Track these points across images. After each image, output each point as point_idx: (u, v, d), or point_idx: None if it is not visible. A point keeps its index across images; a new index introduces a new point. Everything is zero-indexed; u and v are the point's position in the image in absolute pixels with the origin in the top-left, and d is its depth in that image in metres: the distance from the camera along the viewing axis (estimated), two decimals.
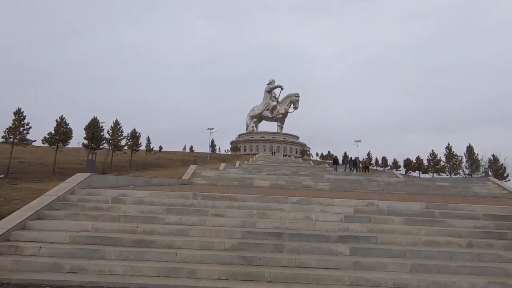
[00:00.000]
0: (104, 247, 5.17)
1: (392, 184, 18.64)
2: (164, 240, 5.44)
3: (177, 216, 6.47)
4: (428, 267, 4.92)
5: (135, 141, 29.65)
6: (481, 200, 11.96)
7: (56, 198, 6.91)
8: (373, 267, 4.92)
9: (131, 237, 5.49)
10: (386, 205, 7.23)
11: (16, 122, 19.22)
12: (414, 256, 5.27)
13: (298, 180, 18.79)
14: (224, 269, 4.70)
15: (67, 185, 7.70)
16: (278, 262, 4.97)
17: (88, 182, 8.27)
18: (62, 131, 21.84)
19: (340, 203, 7.39)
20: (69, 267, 4.65)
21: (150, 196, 7.68)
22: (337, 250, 5.35)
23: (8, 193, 9.83)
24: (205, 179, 18.17)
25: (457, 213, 7.00)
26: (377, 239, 5.74)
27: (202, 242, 5.43)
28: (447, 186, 18.48)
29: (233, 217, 6.58)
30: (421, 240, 5.75)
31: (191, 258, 5.00)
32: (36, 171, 18.55)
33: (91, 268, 4.66)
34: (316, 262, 4.98)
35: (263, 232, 5.81)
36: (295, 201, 7.40)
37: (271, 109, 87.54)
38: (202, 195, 7.64)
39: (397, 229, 6.23)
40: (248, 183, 17.70)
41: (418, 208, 7.19)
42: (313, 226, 6.23)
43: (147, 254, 5.04)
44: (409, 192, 16.97)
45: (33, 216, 6.08)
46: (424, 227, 6.30)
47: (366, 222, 6.49)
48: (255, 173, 22.62)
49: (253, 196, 7.72)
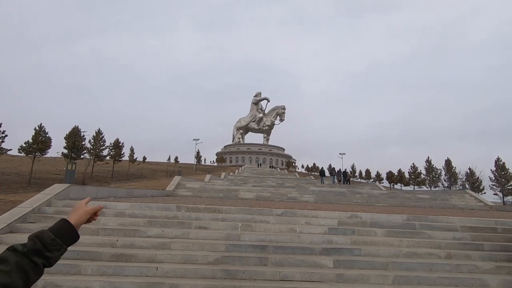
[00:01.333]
0: (81, 261, 4.94)
1: (375, 196, 18.99)
2: (145, 253, 5.27)
3: (159, 228, 6.31)
4: (409, 279, 4.99)
5: (118, 151, 28.93)
6: (459, 212, 12.38)
7: (30, 210, 6.60)
8: (356, 279, 4.94)
9: (110, 251, 5.29)
10: (369, 217, 7.34)
11: None
12: (396, 268, 5.34)
13: (284, 192, 18.82)
14: (207, 284, 4.59)
15: (44, 196, 7.38)
16: (262, 276, 4.91)
17: (67, 194, 7.96)
18: (40, 140, 21.05)
19: (325, 215, 7.44)
20: (42, 284, 4.40)
21: (132, 208, 7.47)
22: (321, 262, 5.35)
23: None
24: (189, 191, 17.87)
25: (436, 225, 7.20)
26: (360, 251, 5.80)
27: (185, 255, 5.30)
28: (427, 198, 19.02)
29: (217, 230, 6.49)
30: (403, 252, 5.86)
31: (173, 272, 4.86)
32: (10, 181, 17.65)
33: (66, 284, 4.43)
34: (300, 275, 4.95)
35: (247, 245, 5.74)
36: (280, 213, 7.39)
37: (258, 121, 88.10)
38: (186, 207, 7.51)
39: (379, 241, 6.32)
40: (234, 195, 17.55)
41: (399, 220, 7.34)
42: (298, 238, 6.22)
43: (127, 269, 4.85)
44: (392, 204, 17.33)
45: (5, 230, 5.76)
46: (405, 238, 6.43)
47: (350, 234, 6.55)
48: (241, 185, 22.47)
49: (238, 208, 7.66)
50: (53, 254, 0.69)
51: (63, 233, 0.72)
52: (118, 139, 29.84)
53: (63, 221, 0.77)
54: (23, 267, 0.64)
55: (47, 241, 0.69)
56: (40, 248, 0.67)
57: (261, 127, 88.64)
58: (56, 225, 0.75)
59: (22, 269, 0.63)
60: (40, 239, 0.69)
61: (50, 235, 0.70)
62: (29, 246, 0.67)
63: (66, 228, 0.74)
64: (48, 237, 0.69)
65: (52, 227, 0.74)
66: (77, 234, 0.77)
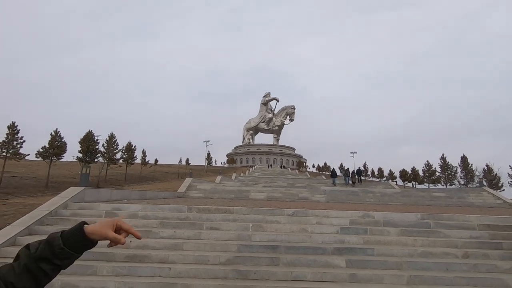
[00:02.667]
0: (96, 262, 5.06)
1: (388, 195, 18.64)
2: (158, 254, 5.35)
3: (172, 229, 6.39)
4: (425, 279, 4.88)
5: (131, 154, 29.45)
6: (476, 210, 12.01)
7: (48, 212, 6.80)
8: (369, 279, 4.87)
9: (124, 252, 5.39)
10: (382, 216, 7.22)
11: (9, 136, 19.06)
12: (410, 268, 5.23)
13: (295, 192, 18.71)
14: (219, 284, 4.62)
15: (60, 199, 7.60)
16: (274, 276, 4.90)
17: (82, 196, 8.16)
18: (56, 145, 21.65)
19: (336, 214, 7.37)
20: (59, 284, 4.52)
21: (144, 209, 7.59)
22: (333, 262, 5.30)
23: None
24: (201, 192, 18.01)
25: (452, 224, 7.01)
26: (373, 250, 5.71)
27: (197, 256, 5.35)
28: (443, 196, 18.54)
29: (229, 230, 6.52)
30: (417, 251, 5.73)
31: (185, 272, 4.91)
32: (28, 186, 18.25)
33: (82, 285, 4.55)
34: (312, 275, 4.92)
35: (258, 245, 5.75)
36: (291, 213, 7.36)
37: (267, 121, 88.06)
38: (197, 208, 7.58)
39: (393, 241, 6.21)
40: (244, 195, 17.58)
41: (414, 219, 7.19)
42: (309, 238, 6.18)
43: (140, 269, 4.94)
44: (405, 203, 16.98)
45: (24, 232, 5.96)
46: (420, 238, 6.29)
47: (362, 234, 6.46)
48: (251, 186, 22.50)
49: (248, 208, 7.67)
50: (62, 262, 0.68)
51: (74, 242, 0.69)
52: (130, 142, 30.40)
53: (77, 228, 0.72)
54: (32, 271, 0.64)
55: (56, 249, 0.67)
56: (49, 256, 0.66)
57: (271, 128, 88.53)
58: (70, 232, 0.71)
59: (30, 272, 0.64)
60: (50, 246, 0.67)
61: (59, 243, 0.67)
62: (39, 251, 0.66)
63: (79, 237, 0.70)
64: (57, 245, 0.67)
65: (66, 234, 0.71)
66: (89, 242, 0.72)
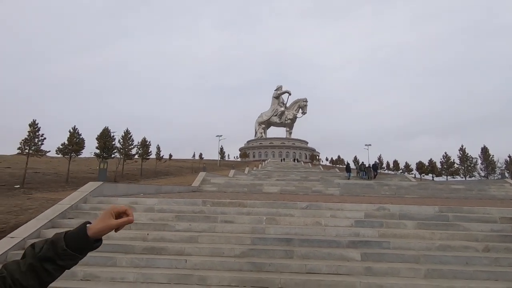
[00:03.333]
0: (116, 254, 5.24)
1: (404, 188, 18.27)
2: (174, 247, 5.47)
3: (187, 223, 6.51)
4: (444, 273, 4.78)
5: (145, 150, 30.05)
6: (498, 203, 11.59)
7: (69, 206, 7.07)
8: (385, 272, 4.82)
9: (142, 244, 5.55)
10: (398, 209, 7.09)
11: (31, 134, 19.82)
12: (428, 261, 5.13)
13: (308, 186, 18.64)
14: (234, 276, 4.69)
15: (80, 193, 7.87)
16: (289, 268, 4.93)
17: (100, 191, 8.42)
18: (75, 141, 22.36)
19: (351, 207, 7.29)
20: (82, 275, 4.72)
21: (160, 203, 7.76)
22: (348, 255, 5.27)
23: (24, 202, 10.09)
24: (214, 186, 18.23)
25: (472, 217, 6.80)
26: (389, 244, 5.63)
27: (212, 248, 5.44)
28: (462, 189, 17.99)
29: (243, 223, 6.58)
30: (435, 245, 5.61)
31: (201, 264, 5.01)
32: (50, 181, 19.00)
33: (103, 275, 4.72)
34: (327, 268, 4.91)
35: (272, 238, 5.78)
36: (305, 206, 7.34)
37: (279, 114, 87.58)
38: (211, 201, 7.68)
39: (410, 234, 6.09)
40: (258, 189, 17.66)
41: (431, 212, 7.02)
42: (323, 231, 6.16)
43: (158, 261, 5.07)
44: (422, 195, 16.60)
45: (48, 225, 6.22)
46: (438, 231, 6.15)
47: (378, 227, 6.37)
48: (265, 179, 22.56)
49: (262, 202, 7.70)
50: (65, 262, 0.69)
51: (77, 243, 0.70)
52: (145, 138, 30.99)
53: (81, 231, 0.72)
54: (36, 270, 0.66)
55: (59, 250, 0.68)
56: (52, 257, 0.68)
57: (283, 121, 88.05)
58: (73, 234, 0.72)
59: (34, 271, 0.66)
60: (54, 247, 0.68)
61: (62, 245, 0.69)
62: (43, 251, 0.68)
63: (81, 239, 0.71)
64: (60, 247, 0.68)
65: (69, 235, 0.71)
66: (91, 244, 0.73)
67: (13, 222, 7.04)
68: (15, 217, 7.65)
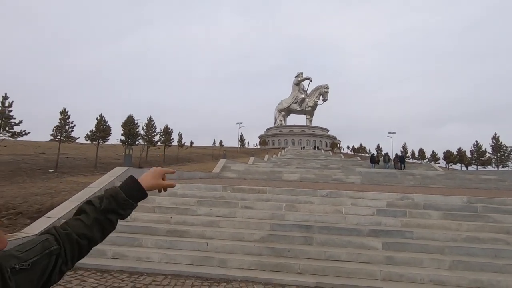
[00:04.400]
0: (142, 235, 5.50)
1: (430, 178, 17.59)
2: (196, 230, 5.66)
3: (208, 207, 6.69)
4: (470, 265, 4.62)
5: (168, 137, 30.88)
6: None
7: (98, 190, 7.45)
8: (407, 262, 4.73)
9: (166, 227, 5.78)
10: (422, 198, 6.87)
11: (62, 121, 20.92)
12: (453, 253, 4.97)
13: (328, 174, 18.43)
14: (254, 260, 4.79)
15: (108, 178, 8.27)
16: (308, 255, 4.96)
17: (126, 175, 8.79)
18: (102, 128, 23.37)
19: (372, 196, 7.15)
20: (111, 253, 5.02)
21: (183, 188, 8.00)
22: (368, 244, 5.21)
23: (58, 185, 10.78)
24: (234, 173, 18.48)
25: (504, 208, 6.45)
26: (412, 234, 5.49)
27: (232, 233, 5.57)
28: (493, 179, 17.04)
29: (262, 210, 6.66)
30: (462, 236, 5.41)
31: (222, 248, 5.16)
32: (80, 166, 20.11)
33: (130, 254, 5.00)
34: (346, 255, 4.90)
35: (292, 225, 5.81)
36: (325, 194, 7.29)
37: (300, 102, 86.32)
38: (231, 188, 7.81)
39: (434, 224, 5.91)
40: (277, 176, 17.71)
41: (458, 202, 6.74)
42: (344, 219, 6.11)
43: (181, 243, 5.28)
44: (449, 186, 15.92)
45: None
46: (465, 222, 5.91)
47: (401, 216, 6.22)
48: (284, 167, 22.55)
49: (281, 189, 7.73)
50: (125, 212, 0.80)
51: (133, 193, 0.80)
52: (167, 125, 31.82)
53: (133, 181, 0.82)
54: (101, 222, 0.74)
55: (121, 201, 0.77)
56: (115, 208, 0.76)
57: (304, 108, 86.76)
58: (128, 185, 0.81)
59: (100, 223, 0.73)
60: (115, 199, 0.77)
61: (123, 196, 0.78)
62: (105, 204, 0.75)
63: (136, 189, 0.81)
64: (121, 198, 0.77)
65: (124, 187, 0.80)
66: (146, 194, 0.83)
67: (49, 203, 7.56)
68: (51, 198, 8.21)
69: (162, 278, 4.39)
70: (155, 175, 0.85)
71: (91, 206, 0.76)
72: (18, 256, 0.55)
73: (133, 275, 4.47)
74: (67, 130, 21.12)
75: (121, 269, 4.62)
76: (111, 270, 4.58)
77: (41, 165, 18.32)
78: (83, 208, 0.76)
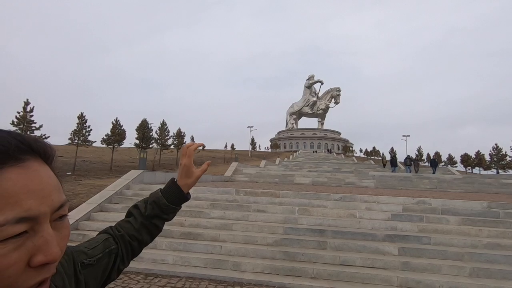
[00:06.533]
0: (156, 238, 5.57)
1: (447, 182, 17.09)
2: (210, 233, 5.70)
3: (221, 211, 6.73)
4: (491, 272, 4.46)
5: (180, 140, 31.28)
6: None
7: (114, 192, 7.64)
8: (425, 268, 4.61)
9: (180, 229, 5.85)
10: (439, 203, 6.69)
11: (79, 125, 21.57)
12: (473, 259, 4.81)
13: (341, 177, 18.20)
14: (267, 263, 4.78)
15: (123, 181, 8.46)
16: (321, 259, 4.91)
17: (141, 178, 8.98)
18: (117, 132, 23.93)
19: (388, 200, 7.02)
20: None
21: (196, 191, 8.08)
22: (384, 249, 5.11)
23: (75, 188, 11.10)
24: (246, 176, 18.51)
25: None
26: (429, 239, 5.35)
27: (245, 236, 5.58)
28: None
29: (275, 213, 6.64)
30: (483, 242, 5.23)
31: (235, 251, 5.18)
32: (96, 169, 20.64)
33: (145, 256, 5.08)
34: (361, 260, 4.82)
35: (305, 229, 5.77)
36: (338, 198, 7.20)
37: (311, 105, 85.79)
38: (244, 191, 7.83)
39: (453, 230, 5.74)
40: (289, 180, 17.63)
41: (478, 207, 6.52)
42: (358, 223, 6.02)
43: (195, 246, 5.33)
44: (467, 190, 15.41)
45: (96, 209, 6.80)
46: (486, 228, 5.71)
47: (417, 221, 6.08)
48: (296, 170, 22.42)
49: (294, 192, 7.70)
50: (169, 216, 0.80)
51: (174, 197, 0.80)
52: (180, 129, 32.25)
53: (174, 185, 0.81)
54: (147, 226, 0.76)
55: (162, 207, 0.78)
56: (158, 213, 0.78)
57: (315, 111, 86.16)
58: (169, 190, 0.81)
59: (146, 227, 0.76)
60: (157, 205, 0.78)
61: (165, 202, 0.78)
62: (148, 211, 0.77)
63: (177, 193, 0.80)
64: (163, 204, 0.78)
65: (165, 192, 0.80)
66: (186, 197, 0.82)
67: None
68: (69, 201, 8.46)
69: (177, 280, 4.45)
70: (188, 173, 0.83)
71: (137, 210, 0.78)
72: (87, 252, 0.59)
73: (148, 277, 4.54)
74: (84, 134, 21.74)
75: (137, 271, 4.71)
76: (127, 271, 4.67)
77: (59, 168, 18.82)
78: (131, 212, 0.79)
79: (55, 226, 0.39)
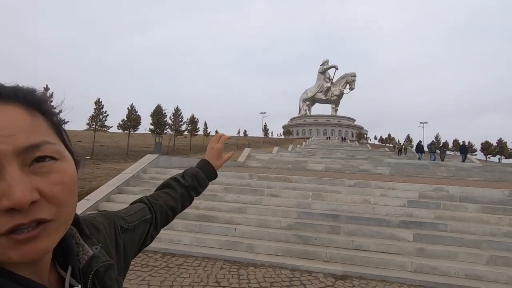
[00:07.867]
0: (173, 220, 5.75)
1: (465, 170, 16.60)
2: (224, 216, 5.82)
3: (235, 194, 6.82)
4: (510, 260, 4.36)
5: (194, 126, 31.57)
6: None
7: (131, 176, 7.86)
8: (440, 255, 4.56)
9: (195, 212, 6.00)
10: (458, 190, 6.53)
11: (96, 111, 22.08)
12: (492, 247, 4.72)
13: (355, 164, 18.00)
14: (281, 246, 4.86)
15: (140, 164, 8.68)
16: (335, 243, 4.94)
17: (157, 162, 9.18)
18: (133, 118, 24.38)
19: (403, 187, 6.91)
20: None
21: None
22: (399, 235, 5.07)
23: (94, 171, 11.50)
24: (259, 162, 18.60)
25: None
26: (446, 226, 5.27)
27: (259, 219, 5.66)
28: None
29: (288, 198, 6.68)
30: (502, 231, 5.10)
31: (249, 234, 5.28)
32: (113, 153, 21.24)
33: (163, 237, 5.26)
34: (375, 245, 4.81)
35: (319, 213, 5.79)
36: (352, 184, 7.15)
37: (325, 91, 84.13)
38: (257, 176, 7.89)
39: (471, 217, 5.61)
40: (302, 166, 17.59)
41: (499, 195, 6.33)
42: (372, 209, 5.98)
43: (210, 228, 5.47)
44: (487, 178, 14.94)
45: (115, 191, 7.04)
46: (506, 216, 5.55)
47: (434, 208, 5.97)
48: (309, 157, 22.32)
49: (308, 178, 7.69)
50: (202, 189, 0.89)
51: (209, 173, 0.90)
52: (193, 115, 32.49)
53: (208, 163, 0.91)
54: (184, 198, 0.84)
55: (200, 180, 0.87)
56: (196, 186, 0.86)
57: (329, 97, 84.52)
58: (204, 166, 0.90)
59: (183, 198, 0.83)
60: (196, 178, 0.86)
61: (202, 175, 0.88)
62: (189, 182, 0.85)
63: (211, 170, 0.91)
64: (201, 177, 0.87)
65: (201, 168, 0.90)
66: (217, 175, 0.94)
67: (87, 187, 8.11)
68: (89, 183, 8.79)
69: (193, 260, 4.60)
70: (219, 154, 0.94)
71: (176, 182, 0.84)
72: (125, 218, 0.62)
73: (166, 256, 4.72)
74: (101, 119, 22.26)
75: (155, 250, 4.89)
76: (145, 250, 4.85)
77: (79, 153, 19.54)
78: (169, 183, 0.84)
79: (34, 170, 0.35)
